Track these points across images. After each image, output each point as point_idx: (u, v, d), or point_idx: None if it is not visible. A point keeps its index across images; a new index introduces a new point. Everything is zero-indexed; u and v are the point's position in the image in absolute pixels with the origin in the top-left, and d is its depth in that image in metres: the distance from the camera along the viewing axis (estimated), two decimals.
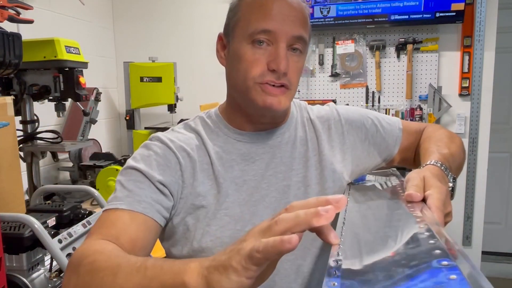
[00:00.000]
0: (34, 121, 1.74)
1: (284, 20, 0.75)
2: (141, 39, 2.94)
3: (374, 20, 2.51)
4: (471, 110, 2.55)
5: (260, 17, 0.75)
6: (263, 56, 0.75)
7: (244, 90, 0.77)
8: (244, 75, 0.76)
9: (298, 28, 0.76)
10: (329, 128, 0.90)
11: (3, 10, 1.36)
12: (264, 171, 0.83)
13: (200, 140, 0.83)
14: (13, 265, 1.13)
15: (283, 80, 0.76)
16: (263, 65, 0.75)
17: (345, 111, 0.93)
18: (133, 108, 2.66)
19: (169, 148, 0.79)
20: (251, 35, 0.75)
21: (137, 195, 0.72)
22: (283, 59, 0.74)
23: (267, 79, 0.75)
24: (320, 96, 2.74)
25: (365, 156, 0.91)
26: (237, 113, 0.84)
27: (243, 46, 0.76)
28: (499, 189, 3.43)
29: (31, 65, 1.63)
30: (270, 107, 0.76)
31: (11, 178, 1.33)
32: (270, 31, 0.74)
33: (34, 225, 1.10)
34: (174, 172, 0.77)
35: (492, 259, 3.34)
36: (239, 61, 0.77)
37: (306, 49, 0.80)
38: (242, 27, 0.77)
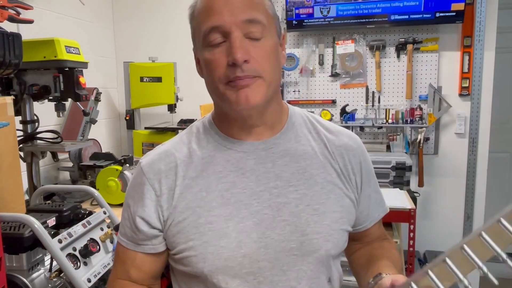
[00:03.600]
0: (34, 121, 1.74)
1: (228, 10, 0.70)
2: (141, 39, 2.94)
3: (374, 20, 2.51)
4: (471, 110, 2.55)
5: (206, 17, 0.71)
6: (222, 55, 0.71)
7: (219, 96, 0.74)
8: (213, 80, 0.73)
9: (246, 12, 0.70)
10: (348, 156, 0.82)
11: (3, 10, 1.36)
12: (255, 185, 0.76)
13: (188, 151, 0.80)
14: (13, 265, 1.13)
15: (247, 71, 0.70)
16: (224, 64, 0.70)
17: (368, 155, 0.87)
18: (133, 108, 2.66)
19: (144, 175, 0.78)
20: (204, 38, 0.72)
21: (128, 235, 0.80)
22: (237, 48, 0.69)
23: (232, 76, 0.70)
24: (320, 96, 2.74)
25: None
26: (226, 120, 0.80)
27: (203, 52, 0.73)
28: (499, 189, 3.43)
29: (31, 65, 1.63)
30: (246, 100, 0.70)
31: (11, 178, 1.33)
32: (217, 27, 0.70)
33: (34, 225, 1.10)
34: (150, 201, 0.77)
35: (492, 259, 3.34)
36: (206, 69, 0.74)
37: (269, 31, 0.73)
38: (197, 34, 0.75)
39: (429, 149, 2.63)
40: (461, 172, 2.62)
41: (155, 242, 0.79)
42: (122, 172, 1.93)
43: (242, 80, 0.70)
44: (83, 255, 1.19)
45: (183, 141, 0.82)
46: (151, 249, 0.79)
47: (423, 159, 2.58)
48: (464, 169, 2.61)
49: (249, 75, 0.70)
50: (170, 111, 2.64)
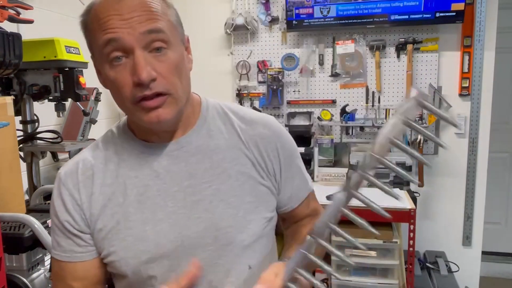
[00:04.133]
0: (34, 121, 1.74)
1: (126, 22, 0.65)
2: None
3: (374, 20, 2.51)
4: (471, 110, 2.55)
5: (101, 30, 0.66)
6: (125, 72, 0.67)
7: (128, 113, 0.73)
8: (119, 99, 0.70)
9: (146, 22, 0.66)
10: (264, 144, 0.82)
11: (3, 10, 1.36)
12: (169, 186, 0.77)
13: (103, 157, 0.80)
14: (13, 265, 1.13)
15: (155, 88, 0.67)
16: (129, 83, 0.67)
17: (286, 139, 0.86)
18: None
19: (64, 186, 0.78)
20: (101, 53, 0.68)
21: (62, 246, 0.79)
22: (142, 67, 0.65)
23: (139, 95, 0.67)
24: (320, 96, 2.74)
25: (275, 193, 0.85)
26: (139, 127, 0.79)
27: (104, 68, 0.69)
28: (499, 189, 3.43)
29: (31, 65, 1.63)
30: (158, 120, 0.69)
31: (11, 178, 1.33)
32: (115, 40, 0.65)
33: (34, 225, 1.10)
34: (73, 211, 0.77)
35: (492, 259, 3.34)
36: (110, 86, 0.71)
37: (173, 41, 0.70)
38: (95, 48, 0.70)
39: (429, 149, 2.63)
40: (461, 172, 2.62)
41: (90, 249, 0.78)
42: None
43: (151, 101, 0.68)
44: None
45: (99, 148, 0.81)
46: (89, 256, 0.78)
47: None
48: (464, 169, 2.61)
49: (158, 92, 0.68)
50: None
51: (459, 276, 2.48)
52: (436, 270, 2.48)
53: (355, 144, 2.66)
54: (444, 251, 2.67)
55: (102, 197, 0.77)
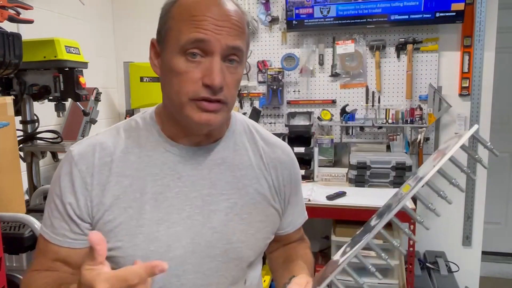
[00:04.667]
0: (34, 121, 1.74)
1: (218, 29, 0.68)
2: (141, 39, 2.93)
3: (374, 20, 2.51)
4: (471, 110, 2.55)
5: (192, 26, 0.68)
6: (196, 70, 0.69)
7: (178, 105, 0.72)
8: (177, 90, 0.70)
9: (234, 37, 0.69)
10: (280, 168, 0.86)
11: (3, 10, 1.36)
12: (189, 191, 0.76)
13: (124, 146, 0.77)
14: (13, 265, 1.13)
15: (219, 95, 0.69)
16: (197, 81, 0.69)
17: (297, 167, 0.92)
18: (133, 108, 2.66)
19: (76, 166, 0.74)
20: (183, 46, 0.69)
21: (55, 227, 0.75)
22: (218, 73, 0.68)
23: (202, 95, 0.69)
24: (320, 96, 2.74)
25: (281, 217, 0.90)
26: (171, 122, 0.77)
27: (175, 58, 0.70)
28: (499, 189, 3.43)
29: (31, 65, 1.63)
30: (207, 123, 0.71)
31: (11, 178, 1.33)
32: (203, 41, 0.68)
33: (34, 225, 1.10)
34: (80, 194, 0.74)
35: (492, 259, 3.34)
36: (172, 75, 0.71)
37: (243, 59, 0.74)
38: (173, 37, 0.71)
39: (429, 149, 2.63)
40: (461, 172, 2.61)
41: (83, 238, 0.75)
42: None
43: (210, 104, 0.70)
44: None
45: (120, 135, 0.78)
46: (79, 244, 0.75)
47: (423, 159, 2.58)
48: None
49: (219, 99, 0.70)
50: None
51: (459, 276, 2.48)
52: (436, 270, 2.48)
53: (355, 144, 2.66)
54: (444, 251, 2.67)
55: (118, 187, 0.74)
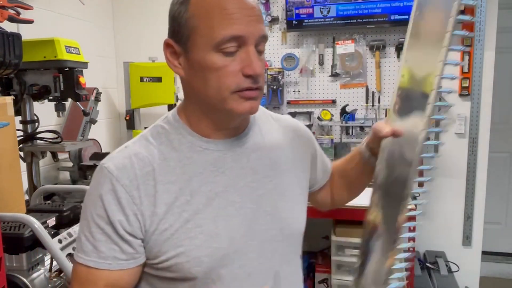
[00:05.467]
0: (34, 121, 1.74)
1: (249, 21, 0.70)
2: (141, 39, 2.94)
3: (374, 20, 2.51)
4: (471, 110, 2.55)
5: (225, 22, 0.68)
6: (234, 63, 0.70)
7: (219, 101, 0.72)
8: (217, 86, 0.71)
9: (261, 27, 0.72)
10: (295, 137, 0.92)
11: (3, 10, 1.36)
12: (235, 182, 0.78)
13: (160, 153, 0.75)
14: (13, 265, 1.13)
15: (259, 83, 0.72)
16: (237, 73, 0.70)
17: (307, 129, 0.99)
18: (133, 108, 2.66)
19: (118, 181, 0.71)
20: (218, 44, 0.69)
21: (101, 251, 0.71)
22: (257, 63, 0.71)
23: (245, 85, 0.71)
24: (320, 96, 2.74)
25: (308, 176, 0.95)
26: (203, 121, 0.77)
27: (209, 55, 0.70)
28: (499, 189, 3.43)
29: (31, 65, 1.63)
30: (250, 111, 0.74)
31: (11, 178, 1.33)
32: (239, 37, 0.69)
33: (34, 225, 1.10)
34: (129, 210, 0.71)
35: (492, 259, 3.34)
36: (207, 72, 0.71)
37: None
38: (203, 35, 0.70)
39: (429, 149, 2.63)
40: (461, 172, 2.62)
41: (136, 256, 0.73)
42: None
43: (252, 92, 0.72)
44: None
45: (151, 143, 0.77)
46: (132, 264, 0.72)
47: (423, 159, 2.58)
48: (464, 169, 2.61)
49: (259, 87, 0.73)
50: None
51: (459, 276, 2.48)
52: (436, 270, 2.48)
53: (355, 144, 2.66)
54: (444, 251, 2.67)
55: (167, 195, 0.73)
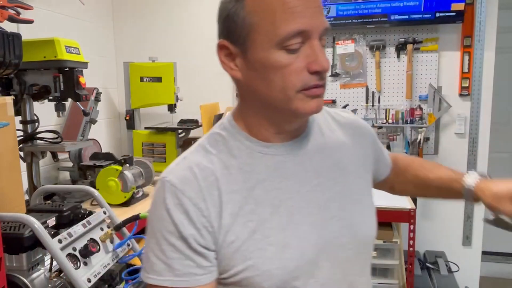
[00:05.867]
0: (34, 121, 1.74)
1: (312, 13, 0.64)
2: (141, 39, 2.94)
3: (374, 20, 2.51)
4: (471, 110, 2.55)
5: (288, 17, 0.63)
6: (298, 59, 0.65)
7: (283, 101, 0.67)
8: (282, 86, 0.65)
9: (324, 18, 0.67)
10: (357, 136, 0.84)
11: (3, 10, 1.36)
12: (300, 187, 0.72)
13: (220, 161, 0.71)
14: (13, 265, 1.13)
15: (324, 79, 0.68)
16: (303, 70, 0.65)
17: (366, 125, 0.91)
18: (133, 108, 2.66)
19: (184, 194, 0.67)
20: (282, 40, 0.64)
21: (176, 269, 0.67)
22: (324, 57, 0.66)
23: (313, 83, 0.66)
24: None
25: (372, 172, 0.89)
26: (263, 124, 0.72)
27: (272, 54, 0.65)
28: None
29: (31, 65, 1.63)
30: (317, 110, 0.68)
31: (11, 178, 1.33)
32: (304, 31, 0.64)
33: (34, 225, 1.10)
34: (199, 222, 0.67)
35: (492, 259, 3.34)
36: (270, 71, 0.66)
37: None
38: (264, 33, 0.65)
39: (429, 149, 2.63)
40: None
41: (212, 269, 0.69)
42: (122, 172, 1.93)
43: (318, 89, 0.67)
44: (83, 255, 1.18)
45: (209, 151, 0.72)
46: (209, 278, 0.68)
47: (423, 159, 2.58)
48: (464, 169, 2.61)
49: (324, 84, 0.69)
50: (170, 111, 2.64)
51: (459, 276, 2.48)
52: (436, 270, 2.48)
53: None
54: (444, 251, 2.67)
55: (231, 205, 0.69)
